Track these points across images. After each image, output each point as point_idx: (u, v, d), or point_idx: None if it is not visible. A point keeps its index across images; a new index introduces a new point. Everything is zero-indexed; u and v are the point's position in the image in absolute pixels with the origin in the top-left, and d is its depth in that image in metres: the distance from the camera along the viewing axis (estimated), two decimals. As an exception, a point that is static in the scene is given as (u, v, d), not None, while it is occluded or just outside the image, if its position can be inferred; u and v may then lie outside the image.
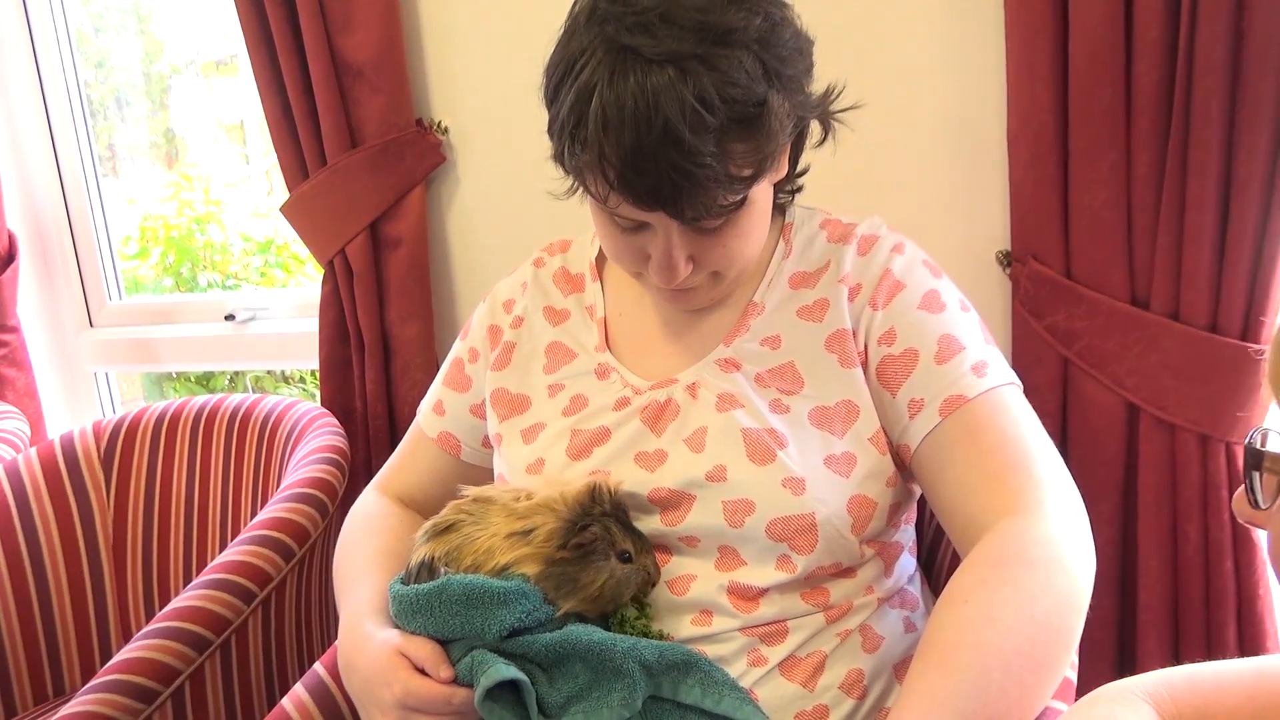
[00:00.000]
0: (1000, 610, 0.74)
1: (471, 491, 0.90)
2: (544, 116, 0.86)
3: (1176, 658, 1.26)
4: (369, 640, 0.87)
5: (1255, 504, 0.57)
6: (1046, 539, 0.78)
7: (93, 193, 2.07)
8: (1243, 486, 0.58)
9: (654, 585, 0.88)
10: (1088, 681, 0.88)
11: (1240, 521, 0.61)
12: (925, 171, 1.41)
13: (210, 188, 2.76)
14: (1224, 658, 1.21)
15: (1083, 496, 0.85)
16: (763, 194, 0.88)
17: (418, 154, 1.60)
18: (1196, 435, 1.20)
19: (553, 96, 0.83)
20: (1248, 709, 0.64)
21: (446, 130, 1.63)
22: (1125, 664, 1.33)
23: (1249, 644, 1.23)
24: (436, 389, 1.12)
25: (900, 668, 0.91)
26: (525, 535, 0.84)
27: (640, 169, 0.77)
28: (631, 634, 0.85)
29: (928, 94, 1.38)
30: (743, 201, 0.83)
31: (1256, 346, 1.15)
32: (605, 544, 0.85)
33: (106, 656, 1.61)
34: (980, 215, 1.39)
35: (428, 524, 0.90)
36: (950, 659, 0.72)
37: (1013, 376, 0.90)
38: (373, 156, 1.58)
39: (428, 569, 0.87)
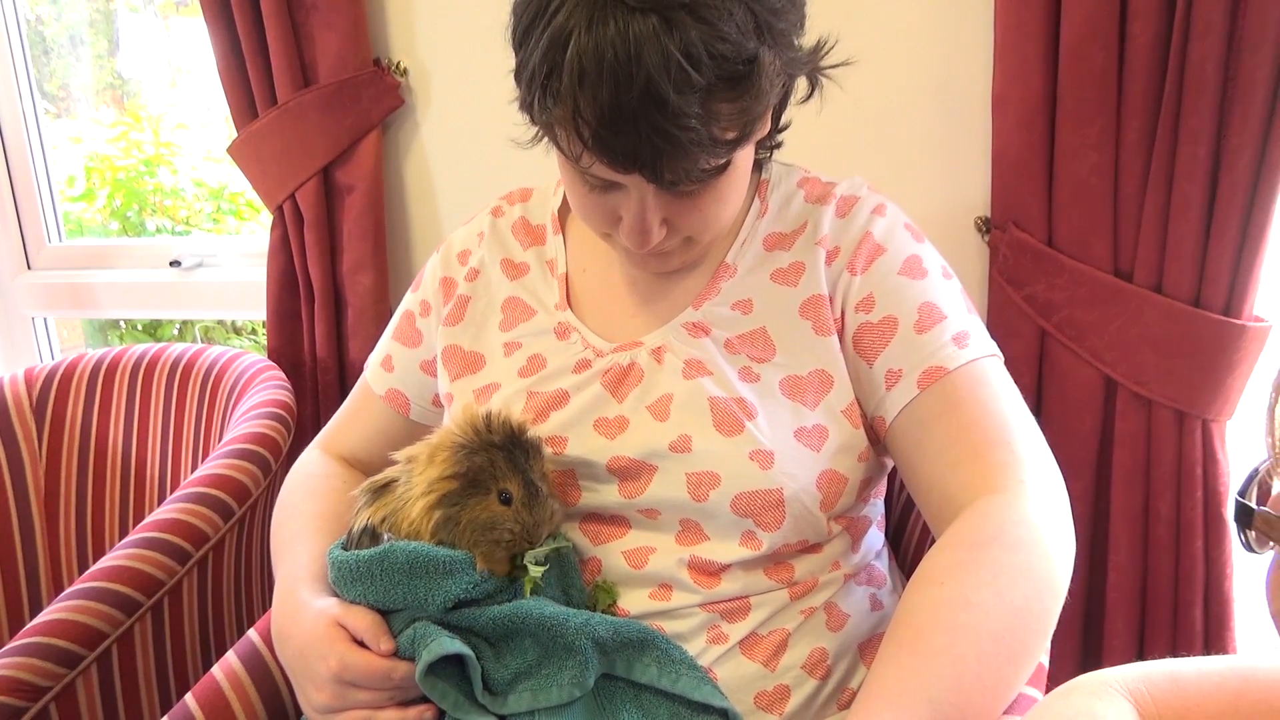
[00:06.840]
0: (977, 593, 0.70)
1: (402, 454, 0.85)
2: (510, 59, 0.78)
3: (1143, 637, 1.26)
4: (305, 608, 0.83)
5: (1249, 548, 0.52)
6: (1026, 519, 0.74)
7: (31, 129, 1.96)
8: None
9: (531, 546, 0.81)
10: (1053, 659, 0.85)
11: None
12: (902, 131, 1.35)
13: (160, 129, 2.64)
14: (1190, 638, 1.20)
15: (1056, 473, 0.81)
16: (745, 156, 0.82)
17: (374, 95, 1.53)
18: (1173, 412, 1.18)
19: (522, 39, 0.75)
20: (1230, 714, 0.60)
21: (405, 72, 1.55)
22: (1091, 642, 1.31)
23: (1214, 625, 1.22)
24: (385, 343, 1.06)
25: (865, 647, 0.88)
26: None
27: (618, 129, 0.71)
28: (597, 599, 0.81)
29: (908, 47, 1.32)
30: (725, 165, 0.78)
31: (1239, 322, 1.12)
32: (488, 476, 0.78)
33: (37, 614, 1.54)
34: (959, 179, 1.34)
35: (366, 483, 0.86)
36: (923, 643, 0.69)
37: (994, 348, 0.87)
38: (326, 97, 1.51)
39: (370, 535, 0.83)
